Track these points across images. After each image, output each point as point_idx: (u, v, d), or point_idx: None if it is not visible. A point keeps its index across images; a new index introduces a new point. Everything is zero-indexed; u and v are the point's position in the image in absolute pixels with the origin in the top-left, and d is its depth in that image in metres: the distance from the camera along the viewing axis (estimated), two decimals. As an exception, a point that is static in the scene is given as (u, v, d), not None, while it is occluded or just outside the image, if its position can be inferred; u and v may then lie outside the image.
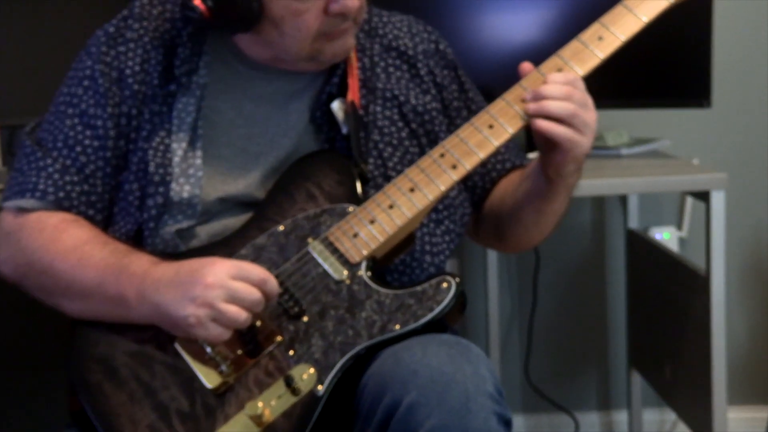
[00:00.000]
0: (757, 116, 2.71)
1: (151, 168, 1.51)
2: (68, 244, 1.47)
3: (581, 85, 1.45)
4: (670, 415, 2.81)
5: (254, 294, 1.36)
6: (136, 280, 1.40)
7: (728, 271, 2.17)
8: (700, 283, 2.14)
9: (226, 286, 1.34)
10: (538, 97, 1.43)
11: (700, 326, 2.16)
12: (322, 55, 1.52)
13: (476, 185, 1.67)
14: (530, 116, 1.43)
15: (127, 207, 1.53)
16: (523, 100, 1.46)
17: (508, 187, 1.65)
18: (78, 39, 1.64)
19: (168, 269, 1.40)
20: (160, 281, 1.38)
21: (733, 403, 2.61)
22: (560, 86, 1.43)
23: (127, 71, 1.55)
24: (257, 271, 1.37)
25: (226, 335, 1.36)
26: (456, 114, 1.66)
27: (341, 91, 1.58)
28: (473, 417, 1.26)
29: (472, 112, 1.64)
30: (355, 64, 1.59)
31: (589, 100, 1.45)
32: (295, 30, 1.48)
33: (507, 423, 1.31)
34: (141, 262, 1.43)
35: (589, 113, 1.44)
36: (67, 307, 1.49)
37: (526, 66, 1.48)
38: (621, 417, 2.84)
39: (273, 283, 1.38)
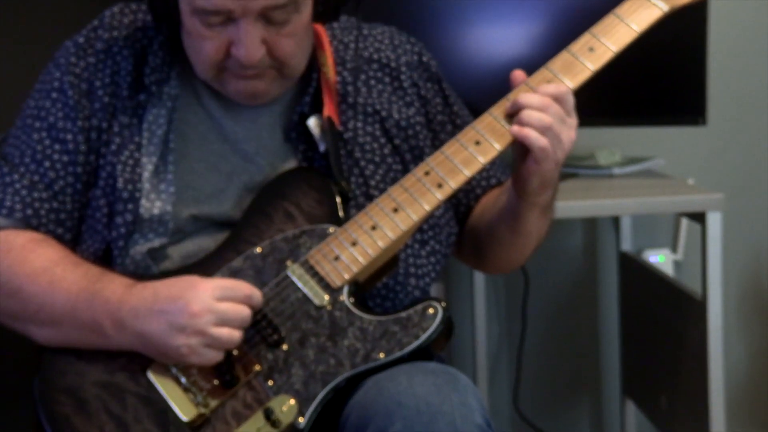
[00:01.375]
0: (754, 134, 2.71)
1: (120, 184, 1.48)
2: (37, 266, 1.43)
3: (569, 99, 1.42)
4: (666, 446, 2.76)
5: (243, 312, 1.35)
6: (112, 307, 1.37)
7: (726, 296, 2.16)
8: (697, 308, 2.13)
9: (213, 310, 1.33)
10: (515, 105, 1.41)
11: (696, 353, 2.15)
12: (226, 89, 1.51)
13: (460, 202, 1.65)
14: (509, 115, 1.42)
15: (94, 225, 1.49)
16: (510, 116, 1.43)
17: (487, 202, 1.63)
18: (46, 50, 1.61)
19: (144, 294, 1.37)
20: (139, 309, 1.35)
21: (731, 431, 2.57)
22: (540, 97, 1.40)
23: (97, 83, 1.52)
24: (241, 287, 1.36)
25: (220, 356, 1.35)
26: (440, 128, 1.64)
27: (317, 107, 1.55)
28: None
29: (457, 127, 1.62)
30: (333, 78, 1.56)
31: (569, 118, 1.42)
32: (196, 51, 1.47)
33: None
34: (114, 287, 1.39)
35: (565, 130, 1.41)
36: (36, 333, 1.45)
37: (517, 74, 1.45)
38: (615, 448, 2.80)
39: (258, 296, 1.37)
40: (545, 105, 1.39)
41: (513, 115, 1.42)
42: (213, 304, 1.33)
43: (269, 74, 1.48)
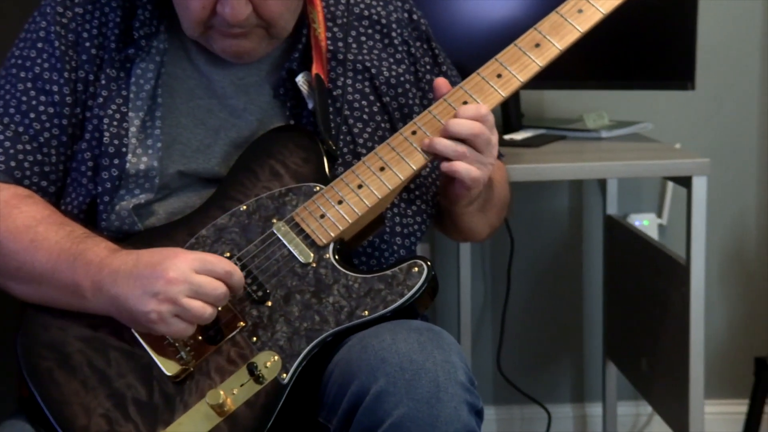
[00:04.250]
0: (741, 101, 2.70)
1: (106, 138, 1.47)
2: (20, 223, 1.42)
3: (490, 118, 1.44)
4: (646, 409, 2.80)
5: (219, 288, 1.32)
6: (93, 269, 1.36)
7: (709, 261, 2.16)
8: (680, 272, 2.12)
9: (189, 280, 1.31)
10: (441, 133, 1.43)
11: (678, 317, 2.15)
12: (213, 47, 1.50)
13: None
14: (425, 151, 1.43)
15: (79, 178, 1.48)
16: (499, 76, 1.44)
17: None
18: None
19: (127, 259, 1.35)
20: (118, 273, 1.34)
21: (710, 397, 2.60)
22: (468, 124, 1.41)
23: (84, 34, 1.50)
24: (222, 263, 1.34)
25: (190, 331, 1.33)
26: (428, 87, 1.63)
27: (306, 64, 1.54)
28: (443, 406, 1.23)
29: None
30: (323, 35, 1.55)
31: (493, 136, 1.44)
32: (182, 7, 1.45)
33: (478, 413, 1.29)
34: (98, 250, 1.38)
35: (489, 151, 1.44)
36: (16, 290, 1.44)
37: (440, 81, 1.47)
38: (595, 410, 2.83)
39: (239, 276, 1.35)
40: (474, 133, 1.41)
41: (500, 76, 1.43)
42: (190, 275, 1.31)
43: (256, 33, 1.47)
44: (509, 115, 2.35)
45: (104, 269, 1.35)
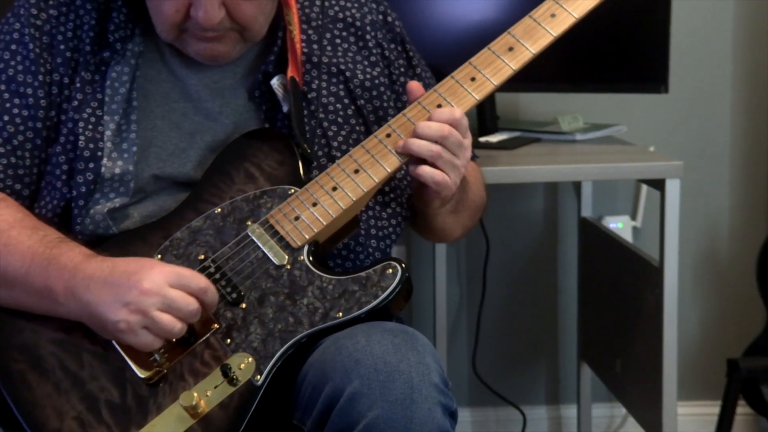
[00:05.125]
0: (714, 104, 2.71)
1: (81, 142, 1.46)
2: None
3: (463, 122, 1.44)
4: (620, 411, 2.81)
5: (191, 304, 1.32)
6: (66, 274, 1.35)
7: (682, 263, 2.17)
8: (653, 274, 2.13)
9: (162, 293, 1.30)
10: (412, 134, 1.43)
11: (651, 319, 2.16)
12: (187, 50, 1.49)
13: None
14: (399, 153, 1.43)
15: (53, 181, 1.47)
16: (473, 79, 1.45)
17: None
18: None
19: (102, 266, 1.34)
20: (92, 279, 1.33)
21: (683, 398, 2.62)
22: (437, 126, 1.41)
23: (59, 37, 1.49)
24: (197, 279, 1.33)
25: (157, 344, 1.32)
26: (403, 90, 1.62)
27: (281, 67, 1.53)
28: (417, 408, 1.23)
29: None
30: (298, 37, 1.55)
31: (465, 139, 1.44)
32: (156, 11, 1.45)
33: (452, 415, 1.29)
34: (72, 254, 1.37)
35: (461, 153, 1.43)
36: None
37: (414, 85, 1.47)
38: (570, 412, 2.83)
39: (213, 293, 1.34)
40: (443, 135, 1.41)
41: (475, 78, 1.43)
42: (164, 288, 1.30)
43: (230, 37, 1.46)
44: (484, 117, 2.35)
45: (78, 274, 1.34)
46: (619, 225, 2.68)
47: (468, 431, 2.80)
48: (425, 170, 1.41)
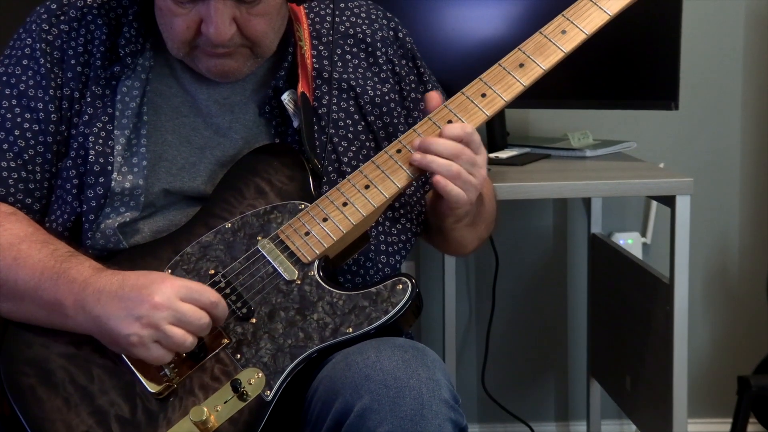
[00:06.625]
0: (724, 120, 2.71)
1: (91, 156, 1.46)
2: (3, 241, 1.41)
3: (476, 138, 1.44)
4: (630, 427, 2.80)
5: (203, 318, 1.32)
6: (76, 288, 1.35)
7: (692, 279, 2.17)
8: (663, 290, 2.12)
9: (173, 307, 1.31)
10: (424, 149, 1.42)
11: (662, 336, 2.15)
12: (197, 66, 1.50)
13: (428, 180, 1.63)
14: (410, 169, 1.43)
15: (64, 196, 1.47)
16: (484, 95, 1.45)
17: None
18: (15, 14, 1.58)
19: (112, 280, 1.35)
20: (102, 292, 1.33)
21: (694, 415, 2.61)
22: (451, 144, 1.41)
23: (70, 51, 1.50)
24: (208, 293, 1.34)
25: (168, 358, 1.33)
26: (413, 106, 1.63)
27: (292, 82, 1.54)
28: (428, 424, 1.23)
29: None
30: (309, 53, 1.55)
31: (479, 156, 1.44)
32: (167, 28, 1.46)
33: (462, 430, 1.29)
34: (82, 268, 1.37)
35: (476, 172, 1.44)
36: None
37: (432, 95, 1.48)
38: (580, 428, 2.83)
39: (223, 307, 1.35)
40: (456, 153, 1.41)
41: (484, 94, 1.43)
42: (175, 302, 1.31)
43: (241, 53, 1.47)
44: (494, 133, 2.35)
45: (88, 288, 1.34)
46: (629, 241, 2.67)
47: (477, 447, 2.80)
48: (448, 183, 1.42)
